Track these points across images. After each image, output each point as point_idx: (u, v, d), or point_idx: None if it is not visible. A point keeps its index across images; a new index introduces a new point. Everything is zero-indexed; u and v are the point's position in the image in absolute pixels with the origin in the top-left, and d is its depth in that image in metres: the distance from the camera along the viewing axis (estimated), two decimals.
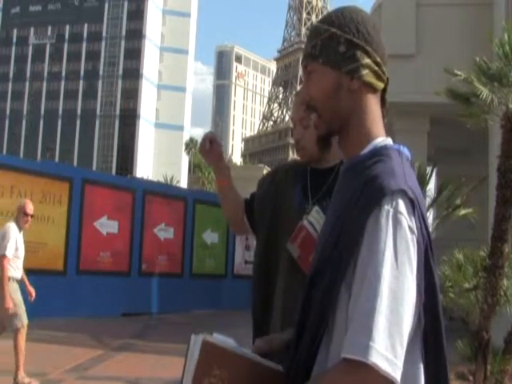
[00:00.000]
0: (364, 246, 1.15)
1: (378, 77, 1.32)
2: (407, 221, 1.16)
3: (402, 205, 1.17)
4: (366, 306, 1.11)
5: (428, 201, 10.41)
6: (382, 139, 1.31)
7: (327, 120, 1.33)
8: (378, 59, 1.32)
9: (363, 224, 1.16)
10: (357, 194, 1.21)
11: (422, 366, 1.21)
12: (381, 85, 1.33)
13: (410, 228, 1.16)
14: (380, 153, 1.26)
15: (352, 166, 1.30)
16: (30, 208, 6.44)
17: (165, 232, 14.01)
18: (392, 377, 1.08)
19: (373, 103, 1.32)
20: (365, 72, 1.30)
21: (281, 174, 2.21)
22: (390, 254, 1.13)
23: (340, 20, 1.33)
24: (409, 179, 1.22)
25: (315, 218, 1.93)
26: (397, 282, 1.12)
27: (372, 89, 1.32)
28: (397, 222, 1.15)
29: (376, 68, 1.31)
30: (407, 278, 1.13)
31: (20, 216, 6.42)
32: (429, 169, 11.73)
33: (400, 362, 1.10)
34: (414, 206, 1.18)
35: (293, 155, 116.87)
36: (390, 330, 1.09)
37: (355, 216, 1.18)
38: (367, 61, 1.30)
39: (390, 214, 1.15)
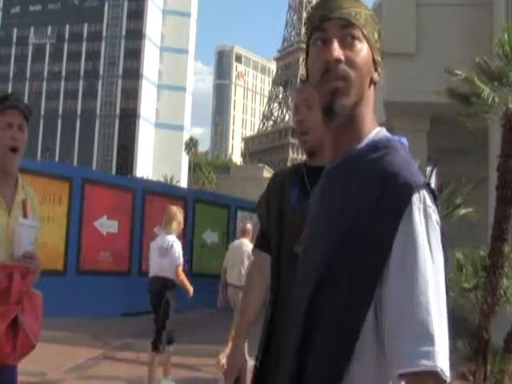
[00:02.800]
0: (399, 244, 1.11)
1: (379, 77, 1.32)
2: (434, 214, 1.16)
3: (428, 198, 1.16)
4: (419, 312, 1.06)
5: None
6: (377, 130, 1.28)
7: (353, 89, 1.23)
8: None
9: (396, 224, 1.12)
10: (376, 190, 1.15)
11: None
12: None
13: (437, 221, 1.16)
14: (383, 145, 1.22)
15: (351, 159, 1.24)
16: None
17: None
18: (447, 376, 1.05)
19: (373, 99, 1.31)
20: (380, 70, 1.30)
21: (276, 185, 2.19)
22: (427, 250, 1.11)
23: (375, 18, 1.33)
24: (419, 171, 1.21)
25: None
26: (435, 276, 1.10)
27: (375, 86, 1.30)
28: (428, 217, 1.14)
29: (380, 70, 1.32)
30: (441, 271, 1.13)
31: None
32: (429, 169, 11.73)
33: (448, 358, 1.07)
34: (435, 197, 1.18)
35: (293, 154, 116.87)
36: (441, 330, 1.07)
37: (383, 217, 1.13)
38: (381, 62, 1.31)
39: (421, 209, 1.14)
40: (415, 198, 1.13)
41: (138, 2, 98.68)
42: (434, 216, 1.15)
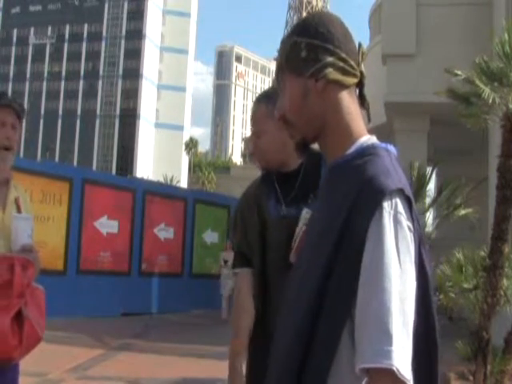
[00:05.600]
0: (367, 250, 1.14)
1: (346, 72, 1.28)
2: (406, 220, 1.16)
3: (400, 205, 1.16)
4: (380, 311, 1.09)
5: (428, 201, 10.41)
6: (367, 138, 1.28)
7: (301, 128, 1.30)
8: (343, 55, 1.27)
9: (365, 229, 1.14)
10: (352, 197, 1.17)
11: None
12: (350, 80, 1.29)
13: (409, 227, 1.16)
14: (368, 152, 1.24)
15: (338, 166, 1.27)
16: None
17: (165, 232, 14.01)
18: (406, 378, 1.08)
19: (346, 101, 1.28)
20: (328, 71, 1.27)
21: (250, 201, 2.18)
22: (394, 255, 1.12)
23: (300, 27, 1.32)
24: (401, 177, 1.21)
25: None
26: (401, 282, 1.12)
27: (341, 86, 1.28)
28: (397, 223, 1.15)
29: (341, 64, 1.27)
30: (409, 276, 1.14)
31: None
32: (429, 169, 11.72)
33: (409, 361, 1.09)
34: (410, 203, 1.19)
35: None
36: (401, 332, 1.09)
37: (356, 222, 1.15)
38: (329, 59, 1.27)
39: (391, 215, 1.15)
40: (386, 203, 1.15)
41: (137, 2, 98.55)
42: (406, 222, 1.15)
